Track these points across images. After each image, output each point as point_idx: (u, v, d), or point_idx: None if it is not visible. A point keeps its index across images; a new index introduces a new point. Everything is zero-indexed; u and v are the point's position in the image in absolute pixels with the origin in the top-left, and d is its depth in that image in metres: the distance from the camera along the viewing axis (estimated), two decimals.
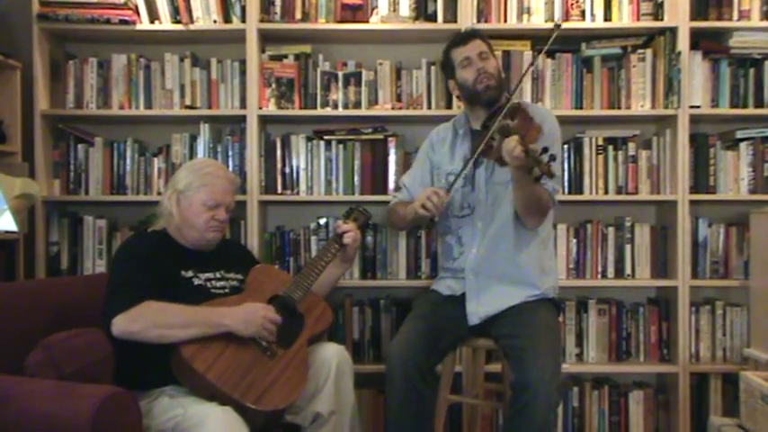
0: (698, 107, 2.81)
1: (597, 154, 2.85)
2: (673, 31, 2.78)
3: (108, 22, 2.76)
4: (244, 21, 2.78)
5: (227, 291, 2.07)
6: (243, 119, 2.80)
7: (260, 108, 2.81)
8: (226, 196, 2.11)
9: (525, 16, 2.82)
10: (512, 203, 2.16)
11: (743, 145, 2.84)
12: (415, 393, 2.01)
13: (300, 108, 2.85)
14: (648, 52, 2.83)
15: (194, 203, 2.07)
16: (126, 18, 2.76)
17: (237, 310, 1.90)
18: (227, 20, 2.80)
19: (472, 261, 2.22)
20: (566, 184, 2.85)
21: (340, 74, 2.86)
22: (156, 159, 2.88)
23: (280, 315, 2.00)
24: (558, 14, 2.81)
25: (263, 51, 2.87)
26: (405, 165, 2.84)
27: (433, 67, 2.85)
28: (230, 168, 2.81)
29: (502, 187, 2.18)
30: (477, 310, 2.18)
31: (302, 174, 2.87)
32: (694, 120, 2.81)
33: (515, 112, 2.10)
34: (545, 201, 2.09)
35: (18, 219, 2.49)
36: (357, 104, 2.85)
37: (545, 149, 1.82)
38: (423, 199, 2.09)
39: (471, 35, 2.27)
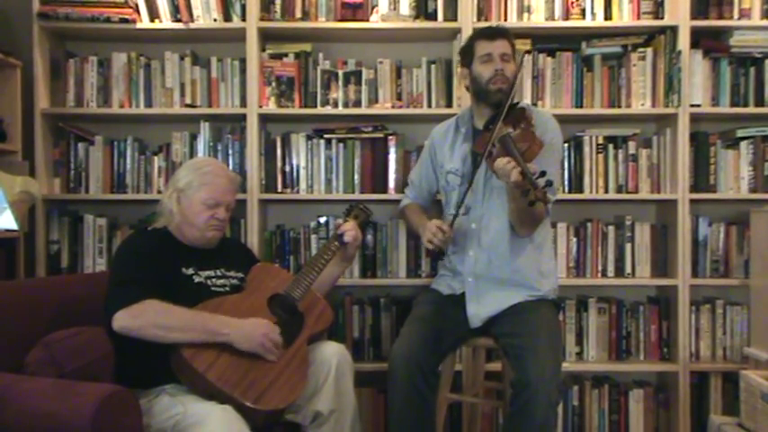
0: (698, 106, 2.81)
1: (597, 153, 2.85)
2: (673, 29, 2.78)
3: (108, 20, 2.76)
4: (244, 19, 2.78)
5: (227, 289, 2.07)
6: (243, 117, 2.80)
7: (260, 107, 2.81)
8: (226, 195, 2.11)
9: (525, 15, 2.82)
10: (506, 210, 2.16)
11: (743, 144, 2.84)
12: (418, 395, 2.01)
13: (300, 107, 2.85)
14: (649, 51, 2.83)
15: (194, 202, 2.07)
16: (126, 17, 2.76)
17: (241, 324, 1.89)
18: (227, 18, 2.80)
19: (470, 264, 2.22)
20: (566, 182, 2.85)
21: (340, 72, 2.86)
22: (156, 158, 2.88)
23: (279, 314, 2.00)
24: (558, 13, 2.81)
25: (263, 50, 2.87)
26: (405, 163, 2.84)
27: (433, 66, 2.85)
28: (230, 167, 2.81)
29: (499, 191, 2.17)
30: (478, 313, 2.18)
31: (302, 172, 2.87)
32: (695, 118, 2.81)
33: (519, 119, 2.09)
34: (539, 213, 2.07)
35: (18, 217, 2.50)
36: (357, 103, 2.85)
37: (542, 173, 1.81)
38: (429, 235, 2.15)
39: (500, 33, 2.23)
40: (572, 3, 2.81)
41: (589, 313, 2.87)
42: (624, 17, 2.82)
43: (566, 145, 2.82)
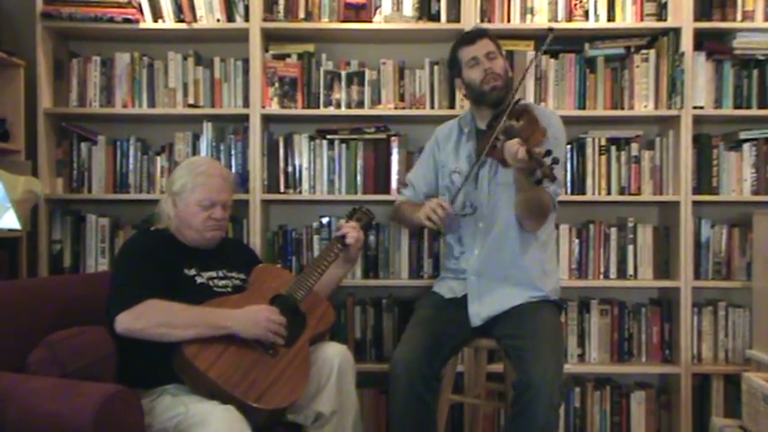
0: (701, 108, 2.81)
1: (600, 154, 2.85)
2: (676, 31, 2.77)
3: (111, 20, 2.77)
4: (247, 20, 2.78)
5: (229, 289, 2.07)
6: (246, 118, 2.80)
7: (263, 107, 2.81)
8: (221, 194, 2.10)
9: (529, 16, 2.82)
10: (513, 206, 2.15)
11: (746, 146, 2.84)
12: (419, 401, 2.00)
13: (303, 107, 2.85)
14: (652, 53, 2.83)
15: (190, 204, 2.06)
16: (129, 17, 2.77)
17: (241, 312, 1.90)
18: (230, 18, 2.81)
19: (474, 263, 2.22)
20: (568, 184, 2.85)
21: (343, 73, 2.86)
22: (158, 158, 2.88)
23: (282, 314, 2.00)
24: (561, 15, 2.81)
25: (266, 50, 2.87)
26: (407, 164, 2.84)
27: (435, 67, 2.86)
28: (233, 167, 2.82)
29: (504, 188, 2.17)
30: (479, 312, 2.18)
31: (305, 173, 2.87)
32: (697, 120, 2.81)
33: (521, 113, 2.09)
34: (546, 204, 2.08)
35: (21, 217, 2.50)
36: (360, 104, 2.85)
37: (548, 152, 1.81)
38: (428, 211, 2.10)
39: (479, 34, 2.25)
40: (575, 4, 2.81)
41: (591, 315, 2.87)
42: (627, 19, 2.82)
43: (568, 146, 2.82)
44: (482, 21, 2.78)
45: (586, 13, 2.82)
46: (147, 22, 2.80)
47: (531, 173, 1.82)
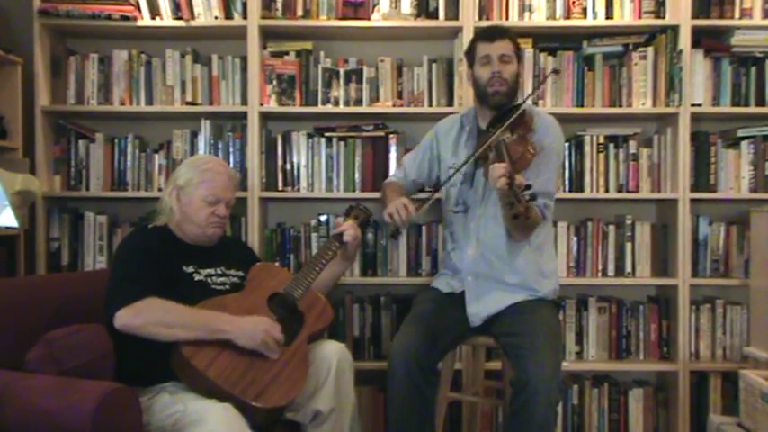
0: (699, 105, 2.81)
1: (598, 152, 2.85)
2: (674, 29, 2.77)
3: (109, 17, 2.76)
4: (245, 17, 2.78)
5: (227, 287, 2.07)
6: (244, 115, 2.80)
7: (261, 105, 2.81)
8: (226, 192, 2.11)
9: (527, 14, 2.81)
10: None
11: (744, 143, 2.84)
12: (417, 392, 2.01)
13: (301, 105, 2.85)
14: (650, 50, 2.82)
15: (194, 199, 2.07)
16: (127, 14, 2.76)
17: (242, 321, 1.89)
18: (228, 16, 2.80)
19: (469, 263, 2.22)
20: (566, 182, 2.85)
21: (341, 71, 2.85)
22: (156, 156, 2.88)
23: (279, 313, 2.01)
24: (559, 12, 2.81)
25: (264, 48, 2.87)
26: None
27: (434, 65, 2.85)
28: (231, 165, 2.81)
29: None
30: (478, 312, 2.18)
31: (303, 171, 2.87)
32: (695, 118, 2.81)
33: (518, 124, 2.09)
34: (532, 220, 2.06)
35: (19, 214, 2.49)
36: (358, 101, 2.85)
37: (528, 186, 1.82)
38: (392, 209, 2.10)
39: (500, 34, 2.20)
40: (573, 2, 2.80)
41: (589, 312, 2.87)
42: (625, 16, 2.82)
43: (566, 144, 2.81)
44: (480, 18, 2.78)
45: (584, 11, 2.81)
46: (145, 20, 2.80)
47: (509, 205, 1.83)
